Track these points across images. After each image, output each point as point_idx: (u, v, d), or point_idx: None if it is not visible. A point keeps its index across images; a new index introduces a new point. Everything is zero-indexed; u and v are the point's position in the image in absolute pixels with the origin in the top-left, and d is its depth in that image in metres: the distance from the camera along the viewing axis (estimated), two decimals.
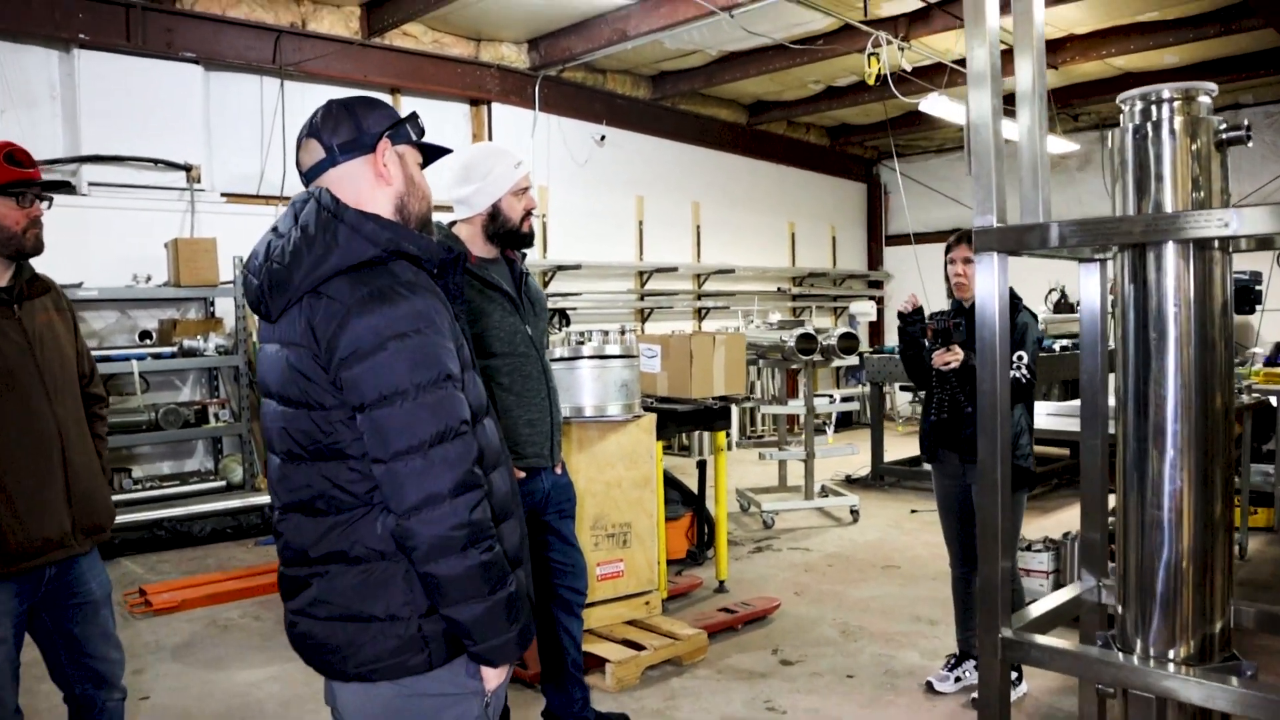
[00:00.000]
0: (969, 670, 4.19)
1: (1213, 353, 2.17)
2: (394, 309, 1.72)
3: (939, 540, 6.72)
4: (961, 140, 12.68)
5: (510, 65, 9.13)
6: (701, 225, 11.57)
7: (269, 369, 1.85)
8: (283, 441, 1.82)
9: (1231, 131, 2.14)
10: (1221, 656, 2.24)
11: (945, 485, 4.11)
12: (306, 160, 1.91)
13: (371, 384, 1.70)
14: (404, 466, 1.69)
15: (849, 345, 7.25)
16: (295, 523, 1.84)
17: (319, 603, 1.82)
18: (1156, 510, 2.23)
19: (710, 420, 5.51)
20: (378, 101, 1.97)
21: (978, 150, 2.33)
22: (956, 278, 4.02)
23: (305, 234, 1.77)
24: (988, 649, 2.38)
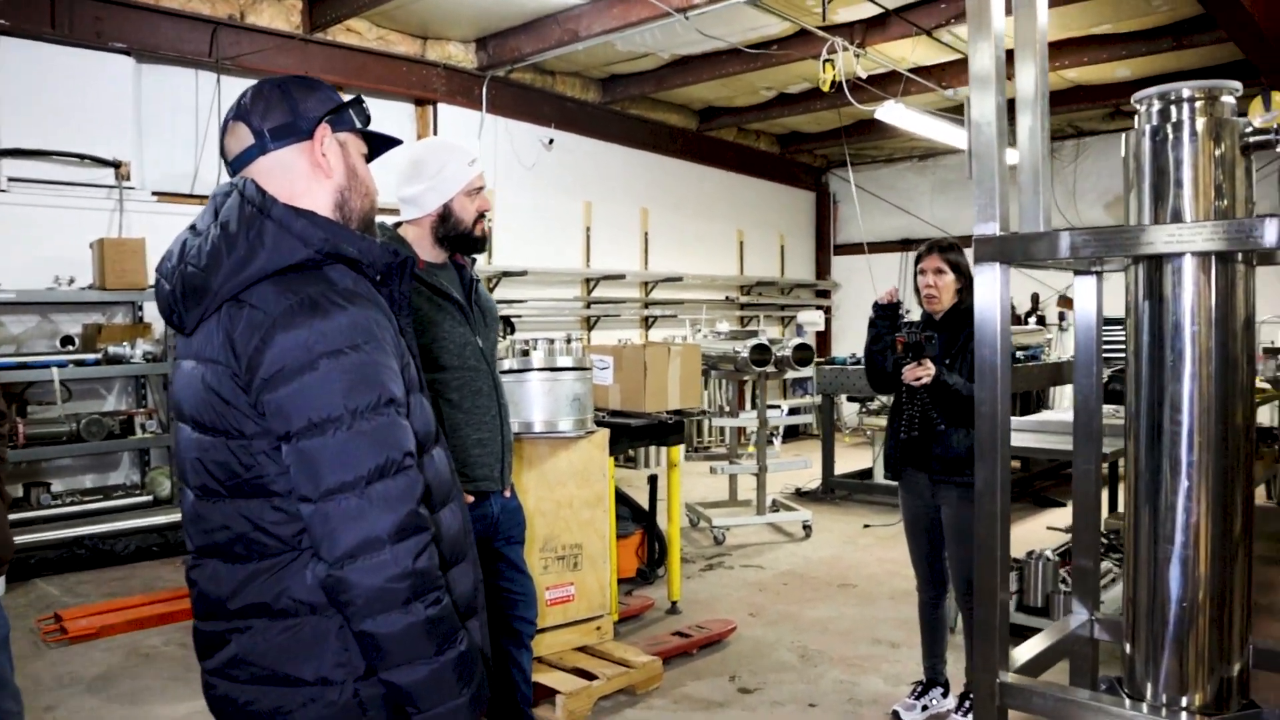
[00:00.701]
0: (936, 698, 4.02)
1: (1235, 372, 2.01)
2: (328, 321, 1.47)
3: (894, 557, 6.62)
4: (912, 150, 12.69)
5: (457, 65, 8.84)
6: (650, 232, 11.36)
7: (183, 389, 1.60)
8: (197, 475, 1.57)
9: (1259, 135, 1.98)
10: (1239, 703, 2.07)
11: (913, 506, 3.92)
12: (233, 146, 1.66)
13: (300, 409, 1.45)
14: (337, 506, 1.45)
15: (803, 357, 7.09)
16: (211, 570, 1.59)
17: (239, 663, 1.57)
18: (1169, 545, 2.06)
19: (665, 435, 5.29)
20: (316, 82, 1.71)
21: (979, 152, 2.14)
22: (927, 289, 3.85)
23: (225, 232, 1.53)
24: (984, 694, 2.19)
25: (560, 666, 4.26)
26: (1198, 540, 2.03)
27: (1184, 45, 8.06)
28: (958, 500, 3.74)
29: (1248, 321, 2.02)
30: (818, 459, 8.78)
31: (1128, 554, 2.18)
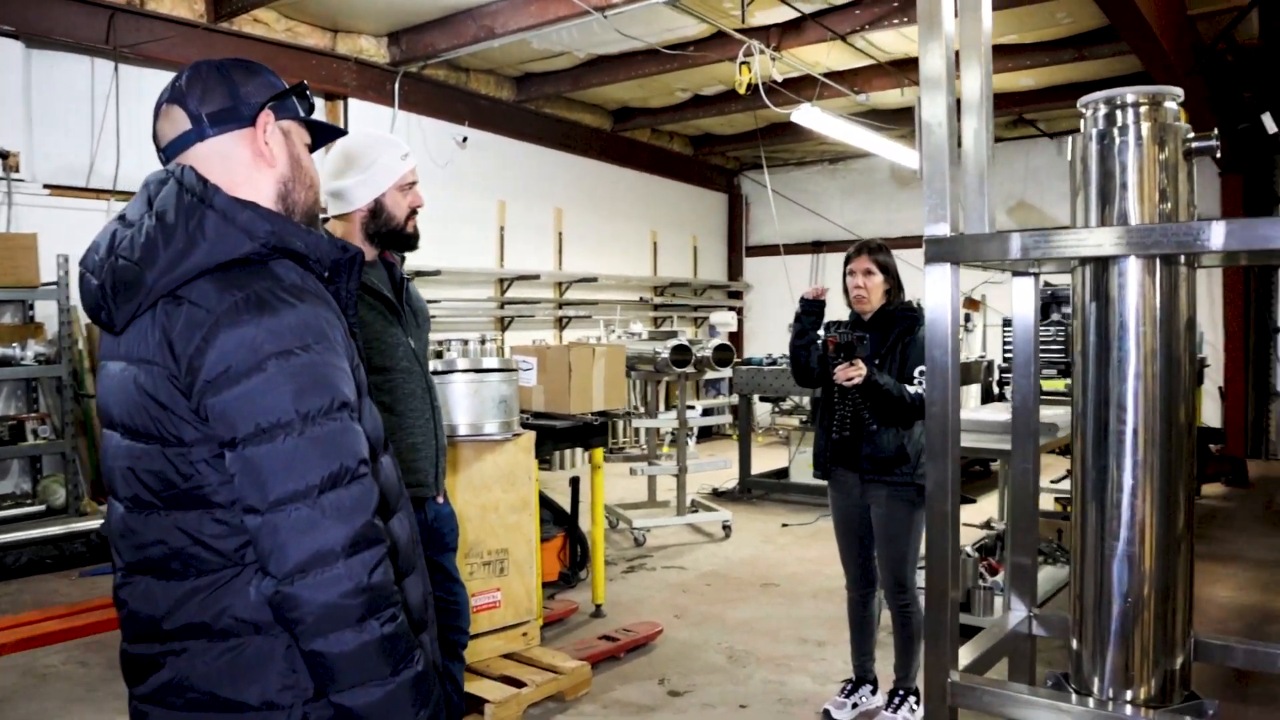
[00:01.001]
0: (865, 695, 4.05)
1: (1178, 371, 2.05)
2: (276, 319, 1.38)
3: (813, 556, 6.68)
4: (823, 154, 12.87)
5: (369, 59, 8.63)
6: (564, 232, 11.28)
7: (111, 392, 1.50)
8: (128, 485, 1.47)
9: (1200, 141, 2.02)
10: (1182, 695, 2.12)
11: (844, 505, 3.94)
12: (167, 131, 1.55)
13: (246, 413, 1.36)
14: (286, 518, 1.35)
15: (723, 357, 7.10)
16: (144, 588, 1.48)
17: (175, 688, 1.45)
18: (1116, 541, 2.09)
19: (589, 436, 5.23)
20: (258, 66, 1.61)
21: (930, 153, 2.14)
22: (857, 290, 3.88)
23: (162, 223, 1.42)
24: (935, 693, 2.20)
25: (488, 674, 4.17)
26: (1143, 536, 2.06)
27: (1085, 57, 8.33)
28: (887, 499, 3.78)
29: (1189, 322, 2.07)
30: (733, 459, 8.82)
31: (1074, 551, 2.21)
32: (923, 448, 3.77)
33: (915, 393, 3.68)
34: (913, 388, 3.69)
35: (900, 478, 3.74)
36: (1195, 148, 2.03)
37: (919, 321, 3.83)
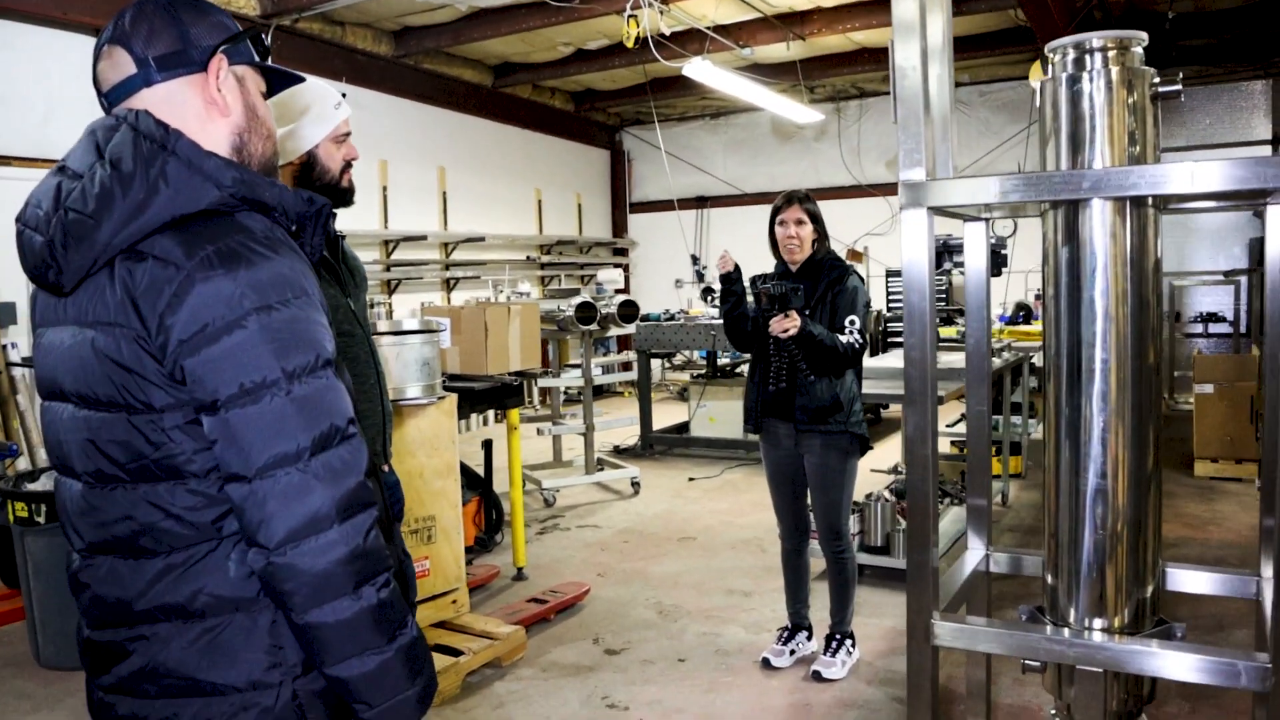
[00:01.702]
0: (802, 642, 4.13)
1: (1147, 312, 2.11)
2: (253, 272, 1.28)
3: (724, 508, 6.77)
4: (704, 110, 12.88)
5: (239, 11, 8.15)
6: (448, 192, 11.00)
7: (61, 361, 1.38)
8: (88, 459, 1.36)
9: (1167, 85, 2.07)
10: (1152, 622, 2.21)
11: (776, 457, 3.97)
12: (109, 75, 1.42)
13: (228, 373, 1.26)
14: (274, 484, 1.27)
15: (628, 313, 7.07)
16: (109, 569, 1.38)
17: (149, 675, 1.36)
18: (1097, 477, 2.15)
19: (506, 397, 5.14)
20: (207, 5, 1.46)
21: (904, 97, 2.13)
22: (788, 240, 3.88)
23: (118, 171, 1.29)
24: (919, 634, 2.23)
25: None
26: (1116, 472, 2.13)
27: (963, 12, 8.54)
28: (821, 448, 3.83)
29: (1156, 264, 2.13)
30: (631, 416, 8.82)
31: (1048, 489, 2.27)
32: (855, 396, 3.84)
33: (848, 342, 3.73)
34: (845, 337, 3.74)
35: (835, 426, 3.79)
36: (1162, 91, 2.07)
37: (848, 271, 3.87)
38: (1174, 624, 2.20)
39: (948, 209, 2.26)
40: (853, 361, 3.80)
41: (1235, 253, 10.39)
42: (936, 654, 2.24)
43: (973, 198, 2.13)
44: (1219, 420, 7.11)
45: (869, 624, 4.43)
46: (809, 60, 10.49)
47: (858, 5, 8.94)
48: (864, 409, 3.95)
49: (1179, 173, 1.86)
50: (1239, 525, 5.93)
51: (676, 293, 12.34)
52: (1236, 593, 2.47)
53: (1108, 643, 2.08)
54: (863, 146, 12.22)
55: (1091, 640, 2.12)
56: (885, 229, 11.92)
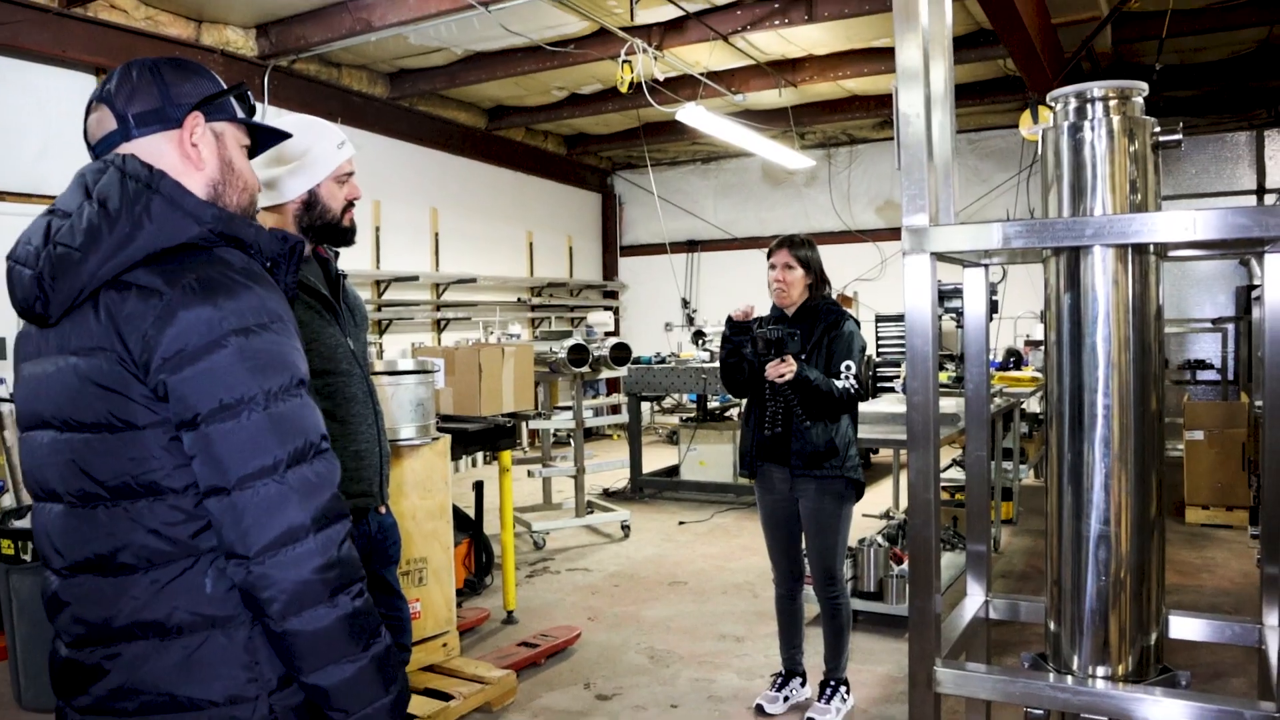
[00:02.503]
0: (796, 688, 4.08)
1: (1149, 358, 2.12)
2: (234, 299, 1.39)
3: (715, 552, 6.72)
4: (695, 154, 12.99)
5: (236, 52, 8.22)
6: (440, 233, 11.03)
7: (43, 389, 1.47)
8: (70, 479, 1.43)
9: (1167, 134, 2.10)
10: (1157, 669, 2.19)
11: (771, 502, 3.96)
12: (95, 130, 1.55)
13: (208, 390, 1.35)
14: (254, 495, 1.35)
15: (620, 355, 7.07)
16: (89, 587, 1.43)
17: (126, 693, 1.41)
18: (1092, 523, 2.14)
19: (499, 439, 5.11)
20: (195, 66, 1.60)
21: (908, 144, 2.16)
22: (777, 283, 3.89)
23: (105, 208, 1.40)
24: (922, 682, 2.21)
25: (412, 689, 4.01)
26: (1120, 518, 2.12)
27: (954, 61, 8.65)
28: (816, 492, 3.82)
29: (1158, 311, 2.15)
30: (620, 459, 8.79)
31: (1050, 535, 2.26)
32: (850, 440, 3.84)
33: (843, 387, 3.73)
34: (840, 382, 3.74)
35: (830, 471, 3.78)
36: (1162, 140, 2.10)
37: (844, 316, 3.88)
38: (1178, 672, 2.18)
39: (949, 255, 2.27)
40: (848, 407, 3.80)
41: (1222, 300, 10.49)
42: (939, 702, 2.22)
43: (976, 244, 2.14)
44: (1210, 467, 7.12)
45: (863, 670, 4.39)
46: (800, 107, 10.61)
47: (849, 54, 9.06)
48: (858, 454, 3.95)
49: (1181, 221, 1.87)
50: (1231, 572, 5.92)
51: (666, 336, 12.38)
52: (1238, 641, 2.46)
53: (1112, 691, 2.07)
54: (853, 192, 12.32)
55: (1096, 688, 2.10)
56: (875, 274, 12.00)
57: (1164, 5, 6.71)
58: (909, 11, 2.16)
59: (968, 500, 2.77)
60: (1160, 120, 2.12)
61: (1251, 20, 7.79)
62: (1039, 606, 2.56)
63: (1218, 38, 8.54)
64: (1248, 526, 6.85)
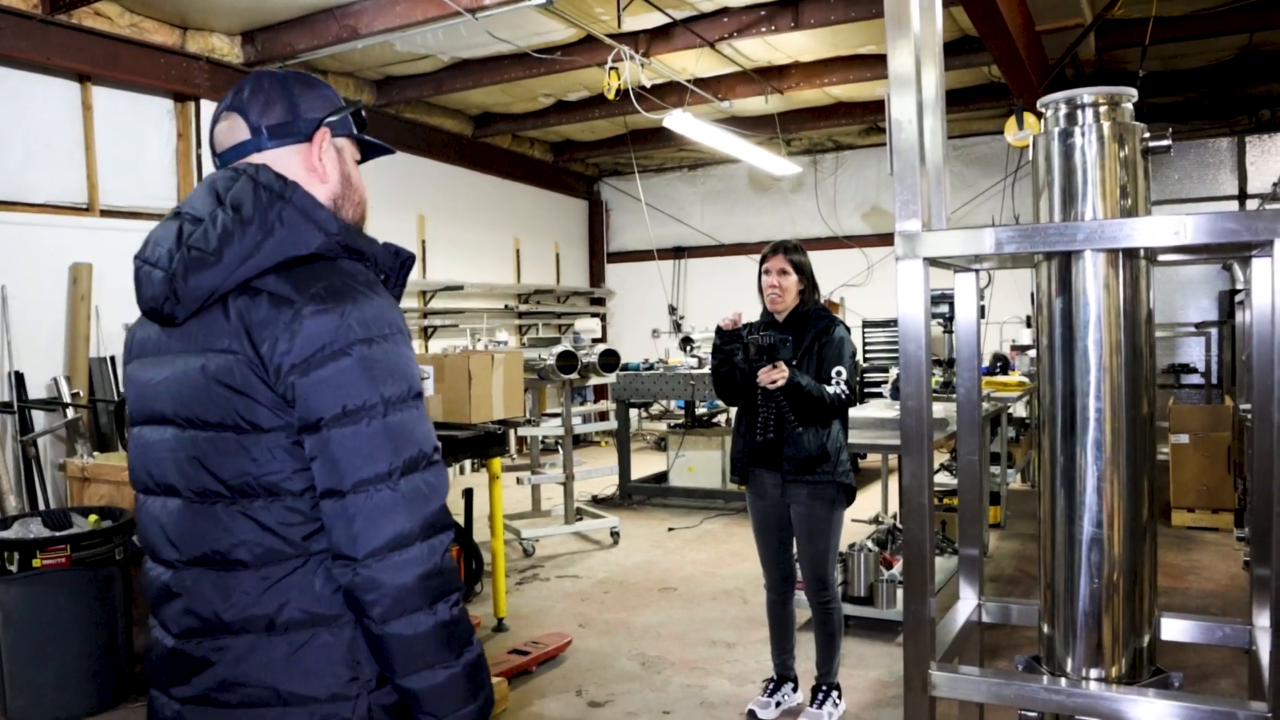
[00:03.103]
0: (788, 694, 4.09)
1: (1140, 362, 2.14)
2: (358, 308, 1.43)
3: (704, 558, 6.72)
4: (681, 161, 13.02)
5: (222, 59, 8.19)
6: (428, 240, 11.02)
7: (165, 388, 1.51)
8: (191, 476, 1.47)
9: (1157, 140, 2.11)
10: (1149, 671, 2.20)
11: (763, 508, 3.96)
12: (225, 138, 1.61)
13: (332, 396, 1.40)
14: (368, 499, 1.39)
15: (609, 362, 7.08)
16: (203, 581, 1.47)
17: (230, 686, 1.45)
18: (1093, 526, 2.16)
19: (489, 446, 5.10)
20: (315, 80, 1.67)
21: (900, 149, 2.17)
22: (771, 289, 3.91)
23: (239, 214, 1.45)
24: (916, 686, 2.22)
25: None
26: (1112, 521, 2.14)
27: None
28: (808, 498, 3.82)
29: (1149, 315, 2.16)
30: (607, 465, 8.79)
31: (1043, 538, 2.27)
32: (841, 446, 3.85)
33: (834, 393, 3.74)
34: (831, 388, 3.75)
35: (821, 476, 3.79)
36: (1152, 146, 2.12)
37: (835, 322, 3.90)
38: (1171, 674, 2.20)
39: (941, 260, 2.29)
40: (839, 412, 3.81)
41: (1205, 305, 10.57)
42: (934, 705, 2.23)
43: (969, 249, 2.16)
44: (1195, 470, 7.17)
45: (854, 675, 4.40)
46: (786, 113, 10.65)
47: (835, 60, 9.11)
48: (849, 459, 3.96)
49: (1172, 225, 1.89)
50: (1218, 575, 5.96)
51: (654, 342, 12.38)
52: (1228, 642, 2.47)
53: (1106, 692, 2.08)
54: (839, 199, 12.37)
55: (1090, 690, 2.11)
56: (861, 280, 12.04)
57: (1146, 13, 6.77)
58: (901, 18, 2.18)
59: (960, 504, 2.78)
60: (1150, 126, 2.14)
61: (1232, 28, 7.86)
62: (1031, 609, 2.58)
63: (1199, 45, 8.63)
64: (1233, 529, 6.90)
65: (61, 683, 4.10)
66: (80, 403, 6.56)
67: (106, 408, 6.75)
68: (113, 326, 7.11)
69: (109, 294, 7.01)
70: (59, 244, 6.87)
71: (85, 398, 6.68)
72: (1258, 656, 2.30)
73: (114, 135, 7.46)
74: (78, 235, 7.01)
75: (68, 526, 4.33)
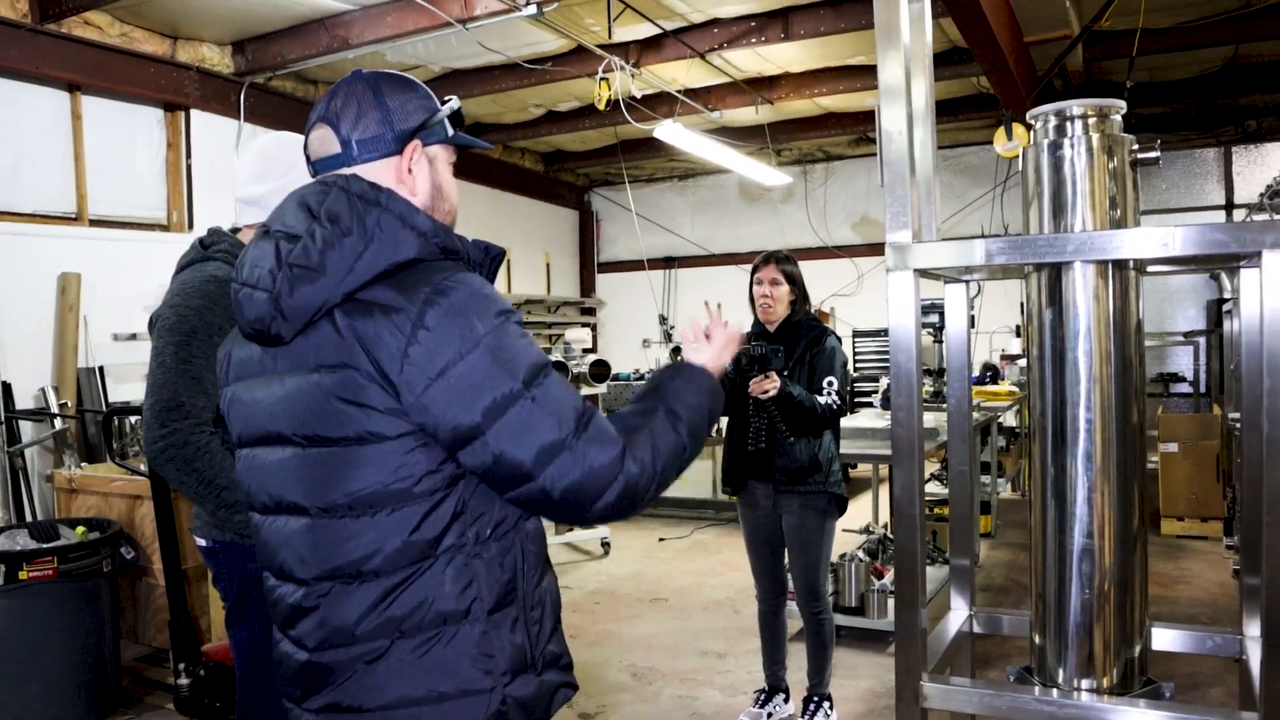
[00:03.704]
0: (779, 704, 4.08)
1: (1130, 372, 2.14)
2: (469, 305, 1.43)
3: (696, 568, 6.72)
4: (672, 171, 13.04)
5: (212, 68, 8.17)
6: None
7: (277, 407, 1.51)
8: (318, 493, 1.47)
9: (1145, 151, 2.13)
10: (1141, 681, 2.21)
11: (754, 518, 3.96)
12: (319, 149, 1.61)
13: (474, 398, 1.39)
14: (556, 470, 1.41)
15: (600, 372, 7.08)
16: (337, 593, 1.48)
17: (365, 691, 1.47)
18: (1076, 537, 2.16)
19: None
20: (411, 82, 1.65)
21: (891, 160, 2.18)
22: (763, 299, 3.91)
23: (337, 225, 1.45)
24: (908, 698, 2.22)
25: None
26: (1103, 532, 2.15)
27: None
28: (800, 508, 3.82)
29: (1138, 325, 2.17)
30: None
31: (1034, 549, 2.28)
32: (833, 456, 3.85)
33: (826, 403, 3.75)
34: (823, 398, 3.75)
35: (813, 487, 3.79)
36: (1141, 158, 2.13)
37: (826, 332, 3.90)
38: (1162, 684, 2.20)
39: (932, 271, 2.29)
40: (831, 422, 3.81)
41: (1193, 314, 10.61)
42: (926, 717, 2.23)
43: (959, 260, 2.16)
44: (1184, 479, 7.19)
45: (845, 685, 4.40)
46: (777, 124, 10.67)
47: (825, 71, 9.13)
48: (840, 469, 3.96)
49: (1160, 237, 1.90)
50: (1207, 583, 5.98)
51: (644, 352, 12.38)
52: (1219, 652, 2.48)
53: (1097, 703, 2.08)
54: (829, 209, 12.40)
55: (1082, 701, 2.11)
56: (852, 290, 12.06)
57: (1133, 24, 6.81)
58: (891, 30, 2.19)
59: (951, 514, 2.78)
60: (1138, 137, 2.16)
61: (1218, 39, 7.91)
62: (1023, 620, 2.58)
63: (1186, 56, 8.68)
64: (1222, 537, 6.92)
65: (49, 696, 4.06)
66: (68, 413, 6.52)
67: (94, 418, 6.71)
68: (101, 336, 7.07)
69: (98, 304, 6.97)
70: (47, 253, 6.83)
71: (73, 408, 6.64)
72: (1248, 666, 2.31)
73: (103, 145, 7.43)
74: (66, 245, 6.97)
75: (55, 538, 4.30)
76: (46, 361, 6.80)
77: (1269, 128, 10.36)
